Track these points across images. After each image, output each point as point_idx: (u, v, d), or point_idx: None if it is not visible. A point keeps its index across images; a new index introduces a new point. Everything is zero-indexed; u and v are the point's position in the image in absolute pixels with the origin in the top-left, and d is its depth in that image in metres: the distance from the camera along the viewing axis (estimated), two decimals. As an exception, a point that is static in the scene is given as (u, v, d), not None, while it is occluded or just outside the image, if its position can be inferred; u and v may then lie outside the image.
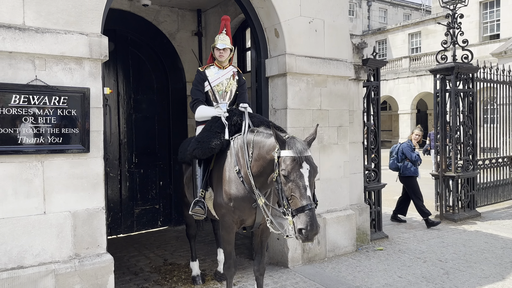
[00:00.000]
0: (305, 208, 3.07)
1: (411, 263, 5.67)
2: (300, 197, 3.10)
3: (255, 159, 3.64)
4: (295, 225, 3.11)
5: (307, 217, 3.05)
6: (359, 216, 6.40)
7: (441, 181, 8.25)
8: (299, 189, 3.12)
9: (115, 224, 6.99)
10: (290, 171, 3.14)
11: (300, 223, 3.08)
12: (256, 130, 3.82)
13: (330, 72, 5.70)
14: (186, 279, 5.04)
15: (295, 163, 3.14)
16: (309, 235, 3.06)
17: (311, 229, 3.05)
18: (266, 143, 3.56)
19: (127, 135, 7.12)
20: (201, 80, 4.52)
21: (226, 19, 4.70)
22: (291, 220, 3.14)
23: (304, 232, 3.06)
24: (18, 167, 3.70)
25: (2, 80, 3.60)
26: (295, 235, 3.14)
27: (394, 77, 29.29)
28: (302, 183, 3.13)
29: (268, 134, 3.63)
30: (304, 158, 3.17)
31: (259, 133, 3.75)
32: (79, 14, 3.96)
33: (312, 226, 3.05)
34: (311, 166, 3.19)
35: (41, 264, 3.79)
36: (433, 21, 29.42)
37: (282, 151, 3.22)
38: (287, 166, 3.15)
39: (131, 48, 7.16)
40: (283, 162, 3.19)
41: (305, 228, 3.05)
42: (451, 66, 8.07)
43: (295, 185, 3.13)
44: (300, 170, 3.14)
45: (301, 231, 3.07)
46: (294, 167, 3.13)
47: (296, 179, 3.13)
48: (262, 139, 3.64)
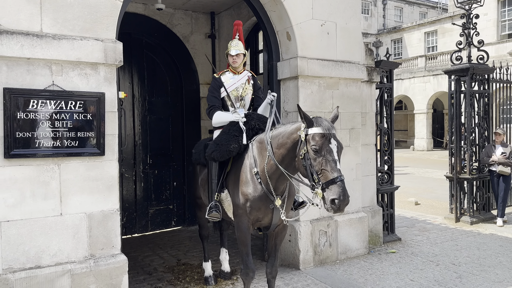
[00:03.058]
0: (337, 179, 3.21)
1: (424, 266, 5.64)
2: (331, 170, 3.23)
3: (276, 147, 3.76)
4: (327, 197, 3.23)
5: (339, 188, 3.19)
6: (371, 219, 6.39)
7: (456, 183, 8.17)
8: (330, 162, 3.26)
9: (130, 224, 7.11)
10: (321, 146, 3.29)
11: (332, 194, 3.20)
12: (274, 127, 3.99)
13: (342, 75, 5.71)
14: (198, 280, 5.11)
15: (324, 139, 3.31)
16: (341, 205, 3.20)
17: (344, 199, 3.18)
18: (287, 129, 3.71)
19: (141, 136, 7.23)
20: (217, 86, 4.58)
21: (239, 24, 4.75)
22: (320, 193, 3.27)
23: (337, 202, 3.18)
24: (36, 170, 3.81)
25: (21, 85, 3.71)
26: (326, 206, 3.26)
27: (409, 76, 28.94)
28: (332, 157, 3.28)
29: (287, 124, 3.82)
30: (332, 134, 3.36)
31: (277, 128, 3.91)
32: (94, 20, 4.06)
33: (344, 196, 3.18)
34: (338, 143, 3.38)
35: (58, 264, 3.90)
36: (450, 20, 28.97)
37: (310, 129, 3.37)
38: (317, 142, 3.30)
39: (146, 51, 7.27)
40: (312, 139, 3.34)
41: (338, 198, 3.17)
42: (466, 67, 7.98)
43: (325, 159, 3.27)
44: (329, 145, 3.31)
45: (334, 201, 3.19)
46: (324, 143, 3.30)
47: (326, 154, 3.28)
48: (282, 129, 3.79)
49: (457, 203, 8.15)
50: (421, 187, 12.97)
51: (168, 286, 4.95)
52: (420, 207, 10.03)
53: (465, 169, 8.17)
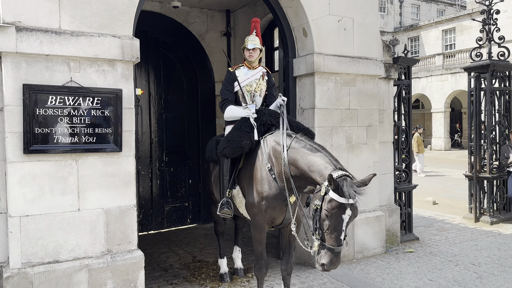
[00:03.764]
0: (334, 250, 3.16)
1: (443, 266, 5.54)
2: (334, 239, 3.16)
3: (291, 163, 3.66)
4: (319, 257, 3.23)
5: (333, 256, 3.17)
6: (388, 218, 6.30)
7: (475, 182, 8.00)
8: (335, 231, 3.16)
9: (146, 221, 7.16)
10: (333, 215, 3.15)
11: (324, 258, 3.19)
12: (293, 135, 3.82)
13: (359, 71, 5.64)
14: (214, 276, 5.11)
15: (339, 208, 3.13)
16: (328, 269, 3.22)
17: (332, 266, 3.19)
18: (308, 159, 3.52)
19: (158, 134, 7.27)
20: (231, 80, 4.56)
21: (256, 21, 4.73)
22: (317, 246, 3.25)
23: (325, 267, 3.21)
24: (54, 165, 3.85)
25: (40, 82, 3.75)
26: (317, 261, 3.28)
27: (427, 75, 28.53)
28: (339, 227, 3.16)
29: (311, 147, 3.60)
30: (350, 205, 3.15)
31: (299, 140, 3.72)
32: (112, 17, 4.08)
33: (334, 264, 3.19)
34: (353, 213, 3.20)
35: (76, 259, 3.94)
36: (468, 17, 28.49)
37: (331, 192, 3.15)
38: (331, 209, 3.14)
39: (162, 49, 7.31)
40: (328, 202, 3.15)
41: (328, 264, 3.18)
42: (486, 64, 7.81)
43: (332, 227, 3.16)
44: (342, 216, 3.15)
45: (323, 265, 3.21)
46: (337, 213, 3.14)
47: (335, 223, 3.15)
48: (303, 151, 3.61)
49: (476, 202, 7.99)
50: (438, 187, 12.76)
51: (184, 283, 4.96)
52: (438, 206, 9.87)
53: (485, 168, 8.00)
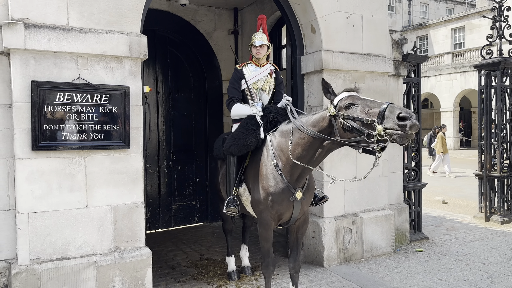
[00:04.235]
0: (385, 104, 3.05)
1: (453, 265, 5.47)
2: (376, 104, 3.13)
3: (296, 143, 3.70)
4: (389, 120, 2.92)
5: (396, 106, 3.00)
6: (398, 216, 6.24)
7: (486, 181, 7.90)
8: (368, 103, 3.19)
9: (154, 219, 7.16)
10: (353, 100, 3.25)
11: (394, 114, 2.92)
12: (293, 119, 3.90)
13: (368, 68, 5.58)
14: (221, 275, 5.09)
15: (352, 94, 3.34)
16: (408, 116, 2.86)
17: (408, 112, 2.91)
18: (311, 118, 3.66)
19: (165, 132, 7.27)
20: (238, 78, 4.54)
21: (263, 18, 4.70)
22: (381, 128, 2.96)
23: (403, 115, 2.87)
24: (62, 162, 3.86)
25: (48, 78, 3.76)
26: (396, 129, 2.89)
27: (435, 74, 28.30)
28: (368, 99, 3.25)
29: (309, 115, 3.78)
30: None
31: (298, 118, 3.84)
32: (120, 14, 4.08)
33: (406, 110, 2.96)
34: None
35: (83, 256, 3.94)
36: (478, 15, 28.19)
37: (336, 98, 3.38)
38: (348, 98, 3.29)
39: (169, 47, 7.30)
40: (341, 102, 3.30)
41: (402, 110, 2.90)
42: (497, 61, 7.71)
43: (363, 103, 3.20)
44: (359, 96, 3.33)
45: (400, 116, 2.88)
46: (354, 95, 3.31)
47: (361, 100, 3.24)
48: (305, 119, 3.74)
49: (487, 201, 7.89)
50: (448, 186, 12.64)
51: (191, 281, 4.94)
52: (447, 206, 9.77)
53: (496, 167, 7.90)
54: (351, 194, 5.58)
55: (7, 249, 3.87)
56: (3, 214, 3.86)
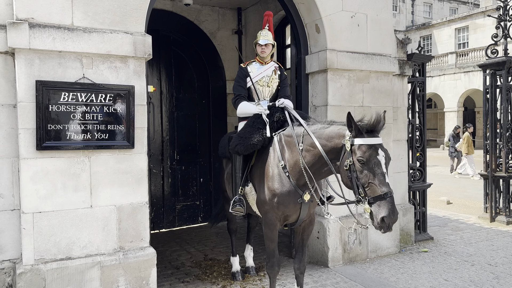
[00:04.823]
0: (387, 195, 3.01)
1: (458, 266, 5.44)
2: (380, 184, 3.04)
3: (307, 149, 3.63)
4: (375, 213, 3.03)
5: (389, 204, 3.00)
6: (402, 217, 6.20)
7: (491, 181, 7.85)
8: (378, 176, 3.06)
9: (158, 219, 7.16)
10: (369, 158, 3.08)
11: (382, 211, 3.00)
12: (304, 125, 3.79)
13: (373, 68, 5.56)
14: (226, 275, 5.08)
15: (372, 150, 3.10)
16: (390, 223, 2.99)
17: (393, 218, 2.99)
18: (325, 131, 3.53)
19: (169, 132, 7.27)
20: (243, 76, 4.53)
21: (269, 14, 4.68)
22: (368, 208, 3.07)
23: (386, 220, 2.98)
24: (67, 162, 3.85)
25: (52, 78, 3.76)
26: (375, 224, 3.05)
27: (439, 74, 28.23)
28: (381, 170, 3.08)
29: (323, 125, 3.62)
30: (380, 145, 3.16)
31: (311, 125, 3.73)
32: (124, 13, 4.07)
33: (393, 213, 2.99)
34: (386, 153, 3.17)
35: (88, 256, 3.93)
36: (482, 15, 28.09)
37: (356, 139, 3.16)
38: (364, 153, 3.10)
39: (173, 47, 7.30)
40: (358, 149, 3.13)
41: (388, 215, 2.97)
42: (502, 61, 7.66)
43: (372, 172, 3.07)
44: (377, 157, 3.10)
45: (384, 220, 3.00)
46: (372, 154, 3.09)
47: (374, 166, 3.08)
48: (316, 127, 3.63)
49: (492, 202, 7.84)
50: (452, 186, 12.58)
51: (195, 281, 4.93)
52: (452, 206, 9.72)
53: (501, 167, 7.85)
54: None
55: (12, 249, 3.87)
56: (8, 214, 3.86)
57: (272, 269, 4.01)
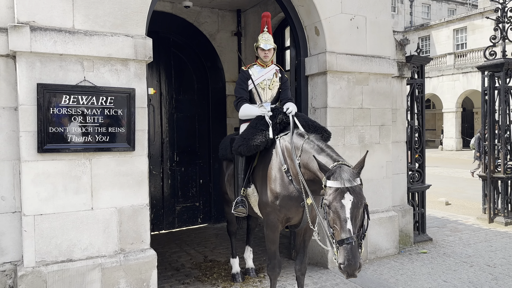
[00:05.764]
0: (344, 242, 2.95)
1: (457, 267, 5.46)
2: (340, 230, 2.98)
3: (304, 167, 3.59)
4: (337, 258, 3.01)
5: (345, 251, 2.93)
6: (402, 218, 6.23)
7: (489, 182, 7.89)
8: (340, 221, 2.99)
9: (158, 220, 7.17)
10: (331, 202, 3.03)
11: (340, 257, 2.97)
12: (306, 135, 3.73)
13: (372, 70, 5.59)
14: (226, 276, 5.09)
15: (337, 193, 3.02)
16: (348, 271, 2.92)
17: (349, 265, 2.91)
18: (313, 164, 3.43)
19: (169, 134, 7.28)
20: (244, 79, 4.55)
21: (267, 16, 4.70)
22: (336, 251, 3.05)
23: (343, 268, 2.94)
24: (68, 165, 3.87)
25: (54, 81, 3.77)
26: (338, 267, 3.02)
27: (438, 75, 28.31)
28: (343, 215, 2.98)
29: (318, 148, 3.51)
30: (347, 188, 3.01)
31: (310, 142, 3.63)
32: (125, 16, 4.09)
33: (350, 261, 2.90)
34: (355, 197, 3.01)
35: (89, 258, 3.95)
36: (480, 16, 28.18)
37: (327, 181, 3.10)
38: (329, 196, 3.05)
39: (173, 49, 7.32)
40: (327, 191, 3.10)
41: (343, 263, 2.93)
42: (500, 63, 7.70)
43: (336, 216, 3.01)
44: (341, 201, 3.00)
45: (340, 267, 2.97)
46: (336, 198, 3.01)
47: (337, 210, 3.00)
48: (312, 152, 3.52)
49: (490, 203, 7.88)
50: (451, 187, 12.62)
51: (195, 282, 4.94)
52: (451, 207, 9.75)
53: (499, 168, 7.88)
54: (355, 195, 5.56)
55: (13, 251, 3.88)
56: (9, 216, 3.87)
57: (273, 270, 4.03)
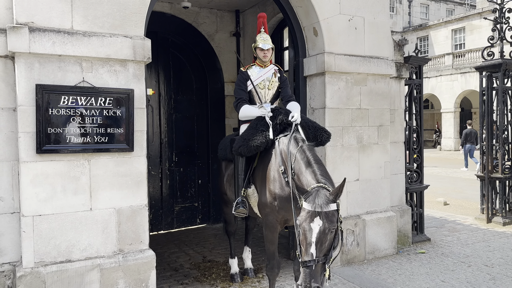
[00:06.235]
0: (305, 263, 2.99)
1: (455, 267, 5.48)
2: (305, 251, 3.03)
3: (295, 173, 3.59)
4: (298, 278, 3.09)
5: (303, 273, 2.98)
6: (400, 218, 6.25)
7: (487, 182, 7.91)
8: (306, 243, 3.04)
9: (156, 220, 7.18)
10: (302, 223, 3.08)
11: (300, 277, 3.01)
12: (300, 143, 3.71)
13: (370, 70, 5.60)
14: (224, 277, 5.10)
15: (308, 216, 3.06)
16: None
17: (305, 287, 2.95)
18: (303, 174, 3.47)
19: (167, 134, 7.29)
20: (243, 79, 4.56)
21: (263, 16, 4.72)
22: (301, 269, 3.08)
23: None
24: (67, 165, 3.87)
25: (52, 82, 3.78)
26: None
27: (436, 75, 28.34)
28: (309, 238, 3.02)
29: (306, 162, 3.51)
30: (318, 213, 3.03)
31: (302, 152, 3.62)
32: (123, 17, 4.09)
33: (306, 284, 2.94)
34: (325, 222, 3.01)
35: (88, 259, 3.95)
36: (478, 16, 28.24)
37: (303, 202, 3.15)
38: (301, 217, 3.10)
39: (171, 49, 7.32)
40: (301, 212, 3.14)
41: (300, 284, 2.98)
42: (498, 63, 7.72)
43: (303, 237, 3.06)
44: (310, 224, 3.03)
45: (298, 287, 3.02)
46: (306, 220, 3.06)
47: (305, 232, 3.05)
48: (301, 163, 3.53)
49: (488, 203, 7.89)
50: (449, 187, 12.64)
51: (194, 283, 4.95)
52: (449, 207, 9.77)
53: (497, 168, 7.90)
54: (353, 196, 5.59)
55: (11, 251, 3.88)
56: (8, 217, 3.87)
57: (272, 271, 4.05)
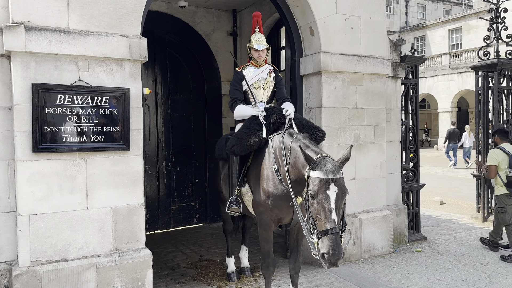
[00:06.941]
0: (329, 231, 3.00)
1: (451, 265, 5.51)
2: (325, 220, 3.03)
3: (292, 166, 3.61)
4: (319, 248, 3.06)
5: (329, 241, 2.98)
6: (396, 217, 6.27)
7: (483, 181, 7.95)
8: (324, 211, 3.05)
9: (153, 220, 7.18)
10: (317, 192, 3.07)
11: (323, 247, 3.01)
12: (295, 135, 3.75)
13: (366, 70, 5.62)
14: (221, 276, 5.11)
15: (322, 184, 3.07)
16: (331, 260, 2.98)
17: (334, 254, 2.97)
18: (301, 156, 3.40)
19: (164, 134, 7.29)
20: (238, 79, 4.58)
21: (258, 15, 4.73)
22: (316, 242, 3.09)
23: (326, 257, 2.99)
24: (63, 164, 3.87)
25: (48, 81, 3.78)
26: (319, 257, 3.07)
27: (433, 75, 28.41)
28: (328, 205, 3.05)
29: (304, 145, 3.50)
30: (332, 180, 3.08)
31: (297, 140, 3.65)
32: (120, 16, 4.10)
33: (334, 250, 2.96)
34: (339, 189, 3.10)
35: (84, 258, 3.96)
36: (475, 16, 28.31)
37: (311, 171, 3.16)
38: (314, 187, 3.09)
39: (168, 49, 7.32)
40: (311, 182, 3.14)
41: (327, 253, 2.98)
42: (494, 63, 7.75)
43: (320, 206, 3.06)
44: (326, 192, 3.06)
45: (324, 256, 3.02)
46: (321, 189, 3.07)
47: (322, 200, 3.06)
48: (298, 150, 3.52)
49: (484, 202, 7.93)
50: (446, 186, 12.69)
51: (191, 282, 4.96)
52: (445, 206, 9.81)
53: (493, 168, 7.93)
54: (350, 195, 5.50)
55: (8, 250, 3.88)
56: (4, 216, 3.87)
57: (267, 269, 4.06)
